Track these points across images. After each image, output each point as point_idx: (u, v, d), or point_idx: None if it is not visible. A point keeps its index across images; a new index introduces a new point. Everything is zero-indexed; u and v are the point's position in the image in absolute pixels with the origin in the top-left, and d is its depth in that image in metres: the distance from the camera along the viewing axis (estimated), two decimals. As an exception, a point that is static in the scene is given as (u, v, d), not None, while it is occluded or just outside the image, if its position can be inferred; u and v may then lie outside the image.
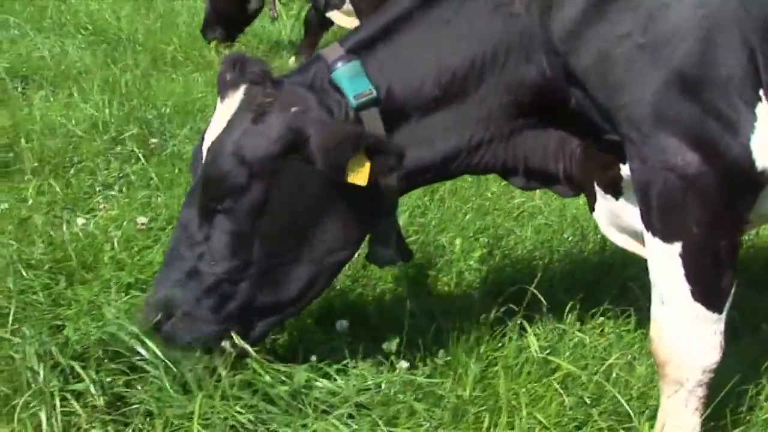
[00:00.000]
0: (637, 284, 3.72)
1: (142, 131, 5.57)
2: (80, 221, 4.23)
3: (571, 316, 3.68)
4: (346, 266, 3.54)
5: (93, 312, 3.32)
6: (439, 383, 3.24)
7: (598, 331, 3.72)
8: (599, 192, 3.24)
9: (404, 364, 3.27)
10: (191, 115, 6.08)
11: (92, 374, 2.96)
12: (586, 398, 3.22)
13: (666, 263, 2.85)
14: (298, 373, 3.07)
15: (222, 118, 3.03)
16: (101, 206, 4.52)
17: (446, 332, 3.55)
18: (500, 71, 3.03)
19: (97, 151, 5.23)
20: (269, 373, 3.04)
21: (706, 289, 2.85)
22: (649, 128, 2.76)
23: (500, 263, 4.36)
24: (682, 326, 2.89)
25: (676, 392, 2.96)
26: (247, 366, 3.04)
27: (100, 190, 4.76)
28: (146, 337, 3.03)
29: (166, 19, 9.29)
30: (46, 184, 4.67)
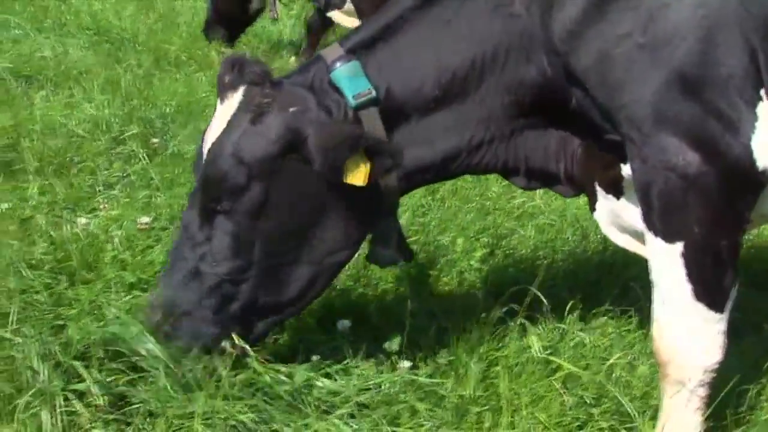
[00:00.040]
0: (638, 284, 3.72)
1: (143, 131, 5.58)
2: (82, 221, 4.24)
3: (572, 316, 3.68)
4: (347, 266, 3.54)
5: (94, 312, 3.32)
6: (441, 383, 3.24)
7: (599, 331, 3.71)
8: (600, 192, 3.24)
9: (406, 363, 3.28)
10: (193, 115, 6.09)
11: (94, 374, 2.96)
12: (587, 398, 3.22)
13: (667, 263, 2.85)
14: (299, 373, 3.07)
15: (222, 119, 3.04)
16: (103, 206, 4.53)
17: (448, 332, 3.56)
18: (500, 71, 3.03)
19: (99, 150, 5.23)
20: (270, 373, 3.05)
21: (707, 288, 2.85)
22: (650, 128, 2.76)
23: (502, 263, 4.36)
24: (683, 326, 2.89)
25: (677, 392, 2.95)
26: (248, 366, 3.05)
27: (101, 190, 4.76)
28: (148, 337, 3.03)
29: (168, 19, 9.31)
30: (48, 184, 4.68)
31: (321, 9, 7.78)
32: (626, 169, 2.98)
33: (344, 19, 7.52)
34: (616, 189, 3.17)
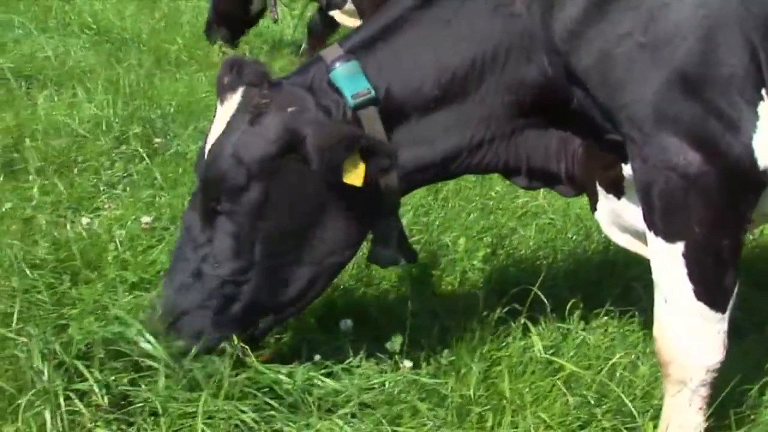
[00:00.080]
0: (640, 284, 3.72)
1: (146, 131, 5.57)
2: (84, 221, 4.24)
3: (574, 315, 3.68)
4: (349, 266, 3.54)
5: (97, 311, 3.32)
6: (443, 383, 3.24)
7: (601, 330, 3.72)
8: (601, 192, 3.24)
9: (408, 363, 3.28)
10: (195, 115, 6.09)
11: (96, 373, 2.96)
12: (589, 398, 3.22)
13: (668, 263, 2.85)
14: (301, 372, 3.07)
15: (221, 121, 3.05)
16: (105, 206, 4.53)
17: (450, 332, 3.56)
18: (501, 71, 3.03)
19: (101, 150, 5.23)
20: (272, 373, 3.05)
21: (708, 288, 2.85)
22: (651, 128, 2.76)
23: (504, 263, 4.36)
24: (684, 326, 2.89)
25: (679, 392, 2.96)
26: (250, 365, 3.05)
27: (104, 190, 4.77)
28: (150, 337, 3.03)
29: (170, 18, 9.30)
30: (50, 184, 4.68)
31: (323, 8, 7.77)
32: (627, 169, 2.98)
33: (345, 18, 7.52)
34: (616, 189, 3.16)
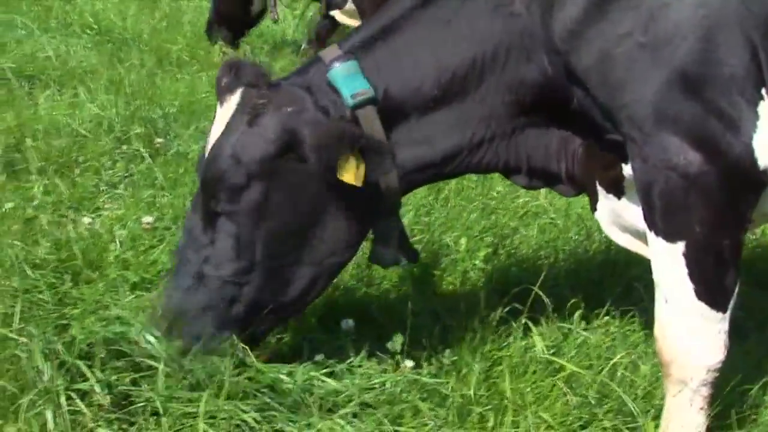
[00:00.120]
0: (641, 284, 3.72)
1: (147, 131, 5.58)
2: (86, 220, 4.25)
3: (575, 315, 3.67)
4: (350, 265, 3.53)
5: (98, 311, 3.32)
6: (444, 382, 3.24)
7: (602, 330, 3.71)
8: (601, 191, 3.24)
9: (409, 363, 3.28)
10: (196, 115, 6.09)
11: (98, 373, 2.96)
12: (591, 397, 3.22)
13: (669, 263, 2.85)
14: (302, 372, 3.07)
15: (221, 122, 3.06)
16: (107, 206, 4.54)
17: (451, 331, 3.56)
18: (501, 71, 3.03)
19: (103, 150, 5.24)
20: (273, 373, 3.05)
21: (709, 288, 2.85)
22: (651, 127, 2.76)
23: (505, 263, 4.36)
24: (685, 325, 2.89)
25: (680, 391, 2.96)
26: (251, 365, 3.05)
27: (105, 190, 4.77)
28: (151, 337, 3.04)
29: (172, 18, 9.30)
30: (52, 184, 4.69)
31: (324, 8, 7.76)
32: (627, 169, 2.98)
33: (345, 18, 7.51)
34: (617, 189, 3.16)
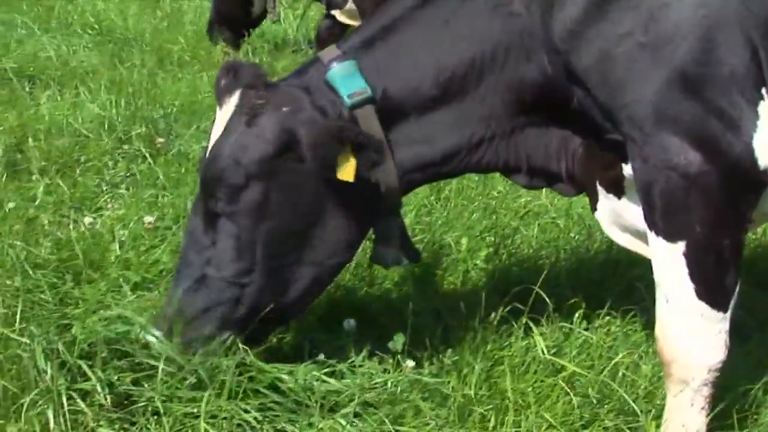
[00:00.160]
0: (642, 283, 3.71)
1: (148, 131, 5.58)
2: (87, 220, 4.25)
3: (577, 315, 3.67)
4: (351, 265, 3.53)
5: (100, 311, 3.32)
6: (445, 382, 3.24)
7: (604, 330, 3.71)
8: (601, 191, 3.24)
9: (410, 362, 3.28)
10: (197, 115, 6.09)
11: (99, 373, 2.96)
12: (592, 397, 3.22)
13: (669, 262, 2.85)
14: (303, 372, 3.07)
15: (221, 124, 3.07)
16: (108, 205, 4.54)
17: (452, 331, 3.56)
18: (500, 70, 3.03)
19: (104, 150, 5.24)
20: (275, 372, 3.05)
21: (710, 288, 2.84)
22: (651, 127, 2.76)
23: (506, 262, 4.36)
24: (686, 325, 2.88)
25: (681, 391, 2.95)
26: (253, 365, 3.05)
27: (106, 190, 4.77)
28: (153, 336, 3.04)
29: (173, 18, 9.30)
30: (53, 184, 4.69)
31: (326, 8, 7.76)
32: (627, 169, 2.98)
33: (345, 19, 7.51)
34: (617, 188, 3.16)
